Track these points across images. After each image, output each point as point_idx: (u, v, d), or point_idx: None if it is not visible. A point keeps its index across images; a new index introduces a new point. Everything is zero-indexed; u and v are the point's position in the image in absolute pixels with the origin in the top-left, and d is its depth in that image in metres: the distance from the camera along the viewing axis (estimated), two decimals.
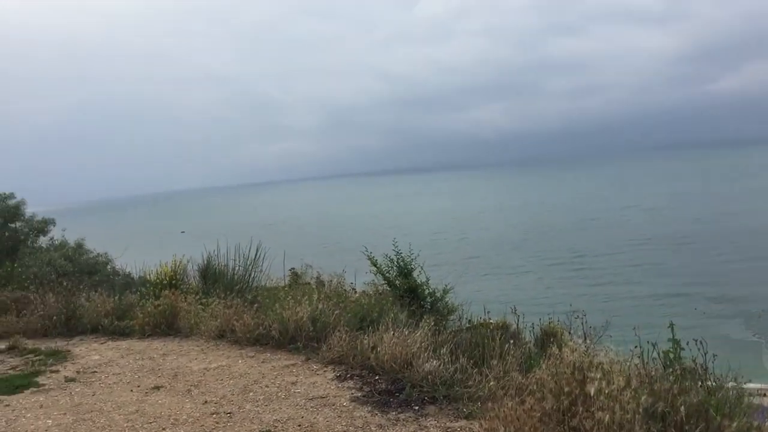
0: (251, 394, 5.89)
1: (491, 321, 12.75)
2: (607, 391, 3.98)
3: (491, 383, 5.52)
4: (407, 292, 9.56)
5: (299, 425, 5.03)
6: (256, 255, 11.57)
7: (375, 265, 10.14)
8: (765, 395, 7.21)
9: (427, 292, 9.81)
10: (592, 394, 3.95)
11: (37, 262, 15.09)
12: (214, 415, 5.33)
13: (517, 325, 7.93)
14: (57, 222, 21.70)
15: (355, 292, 10.37)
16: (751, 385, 5.80)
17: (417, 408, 5.36)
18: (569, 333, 8.84)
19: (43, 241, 20.07)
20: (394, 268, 9.99)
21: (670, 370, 4.51)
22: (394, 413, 5.24)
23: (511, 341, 6.33)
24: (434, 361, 5.94)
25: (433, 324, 6.94)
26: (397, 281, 9.84)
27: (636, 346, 5.19)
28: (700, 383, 4.25)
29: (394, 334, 6.52)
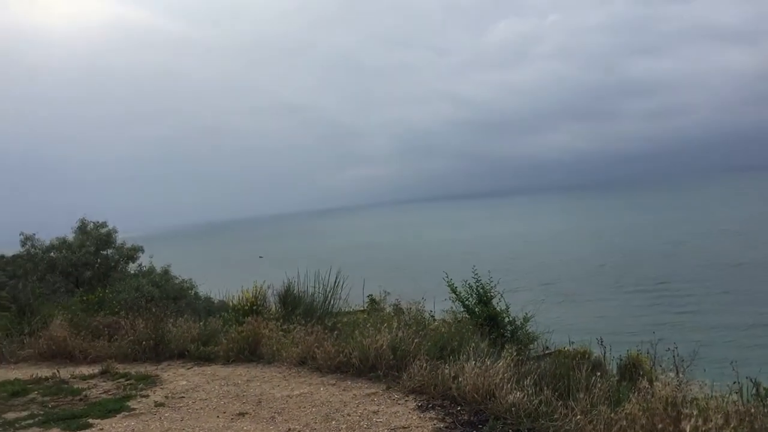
0: (333, 422, 5.92)
1: (571, 349, 12.44)
2: (703, 429, 3.82)
3: (578, 417, 5.35)
4: (487, 320, 9.45)
5: None
6: (335, 281, 11.67)
7: (455, 292, 10.08)
8: None
9: (507, 320, 9.67)
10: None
11: (127, 288, 15.71)
12: None
13: (604, 355, 7.68)
14: (143, 247, 22.59)
15: (434, 319, 10.32)
16: None
17: None
18: (656, 364, 8.51)
19: (132, 267, 20.92)
20: (474, 295, 9.90)
21: None
22: None
23: (598, 374, 6.14)
24: (518, 393, 5.82)
25: (515, 354, 6.83)
26: (476, 309, 9.74)
27: (734, 382, 4.94)
28: None
29: (475, 363, 6.43)
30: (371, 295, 15.03)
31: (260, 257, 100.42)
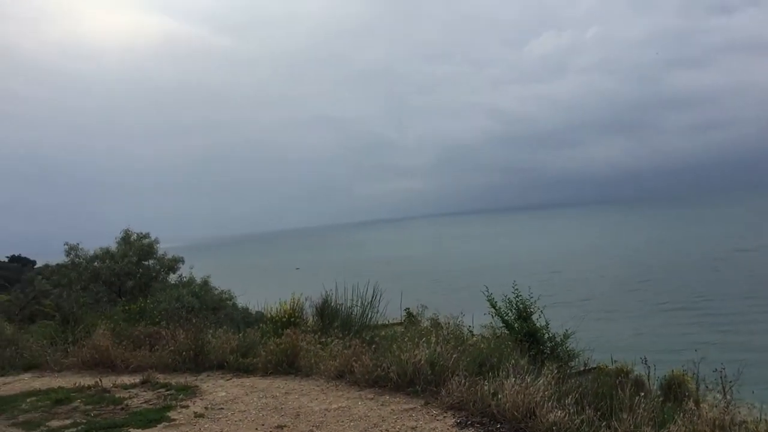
0: None
1: (610, 366, 12.20)
2: None
3: None
4: (526, 336, 9.32)
5: None
6: (372, 294, 11.64)
7: (494, 307, 9.98)
8: None
9: (546, 336, 9.53)
10: None
11: (167, 298, 15.92)
12: None
13: (648, 375, 7.51)
14: (184, 258, 22.89)
15: (473, 334, 10.22)
16: None
17: None
18: (699, 383, 8.29)
19: (172, 277, 21.19)
20: (513, 310, 9.79)
21: None
22: None
23: (642, 394, 6.01)
24: (559, 412, 5.72)
25: (555, 371, 6.72)
26: (515, 324, 9.62)
27: None
28: None
29: (515, 380, 6.35)
30: (408, 308, 14.99)
31: (297, 269, 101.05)
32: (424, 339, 8.07)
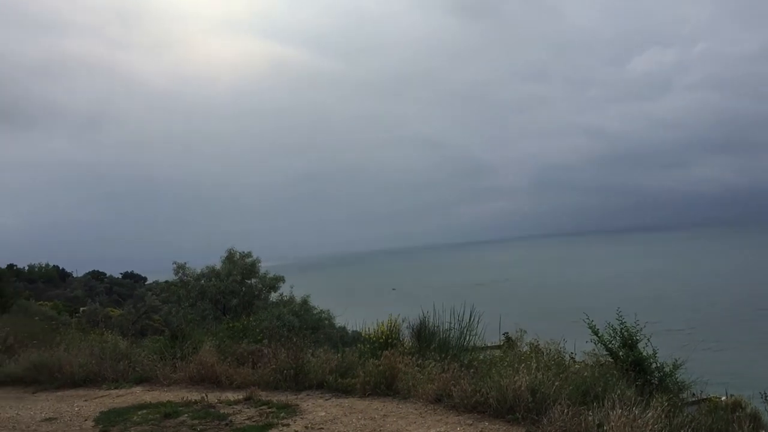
0: None
1: (720, 398, 11.48)
2: None
3: None
4: (632, 366, 8.91)
5: None
6: (470, 317, 11.51)
7: (596, 334, 9.61)
8: None
9: (654, 365, 9.07)
10: None
11: (269, 317, 16.33)
12: None
13: None
14: (284, 277, 23.46)
15: (575, 362, 9.88)
16: None
17: None
18: None
19: (273, 296, 21.76)
20: (618, 337, 9.39)
21: None
22: None
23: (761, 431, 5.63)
24: None
25: (665, 403, 6.39)
26: (620, 353, 9.22)
27: None
28: None
29: (621, 412, 6.09)
30: (507, 333, 14.69)
31: (393, 289, 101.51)
32: (523, 364, 7.89)
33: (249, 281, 22.06)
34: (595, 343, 9.79)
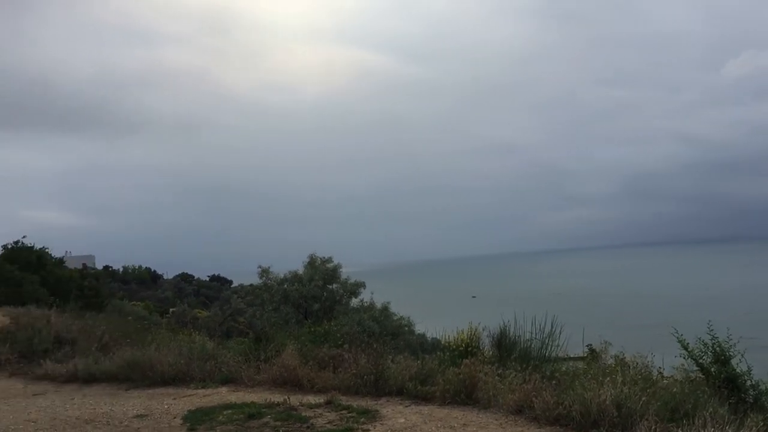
0: None
1: None
2: None
3: None
4: (725, 383, 8.51)
5: None
6: (552, 327, 11.31)
7: (686, 349, 9.24)
8: None
9: (749, 383, 8.64)
10: None
11: (350, 322, 16.52)
12: None
13: None
14: (365, 283, 23.69)
15: (663, 377, 9.53)
16: None
17: None
18: None
19: (354, 302, 22.02)
20: (709, 353, 8.98)
21: None
22: None
23: None
24: None
25: (761, 423, 6.09)
26: (712, 368, 8.82)
27: None
28: None
29: (713, 431, 5.84)
30: (590, 344, 14.34)
31: (473, 297, 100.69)
32: (608, 377, 7.68)
33: (330, 286, 22.42)
34: (684, 358, 9.42)
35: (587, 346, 13.74)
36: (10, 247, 31.98)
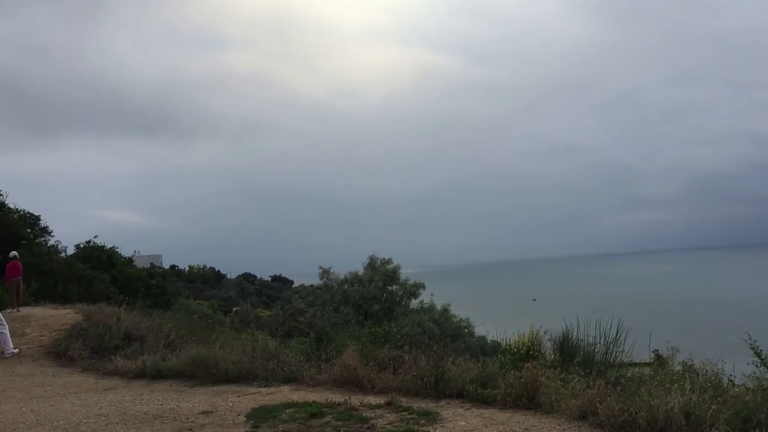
0: None
1: None
2: None
3: None
4: None
5: None
6: (617, 332, 11.05)
7: (759, 356, 8.92)
8: None
9: None
10: None
11: (410, 323, 16.52)
12: None
13: None
14: (424, 284, 23.65)
15: (734, 385, 9.20)
16: None
17: None
18: None
19: (414, 303, 22.02)
20: None
21: None
22: None
23: None
24: None
25: None
26: None
27: None
28: None
29: None
30: (657, 350, 13.96)
31: (534, 300, 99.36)
32: (676, 384, 7.46)
33: (390, 287, 22.47)
34: (757, 366, 9.10)
35: (653, 351, 13.40)
36: (82, 246, 33.26)
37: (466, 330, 21.79)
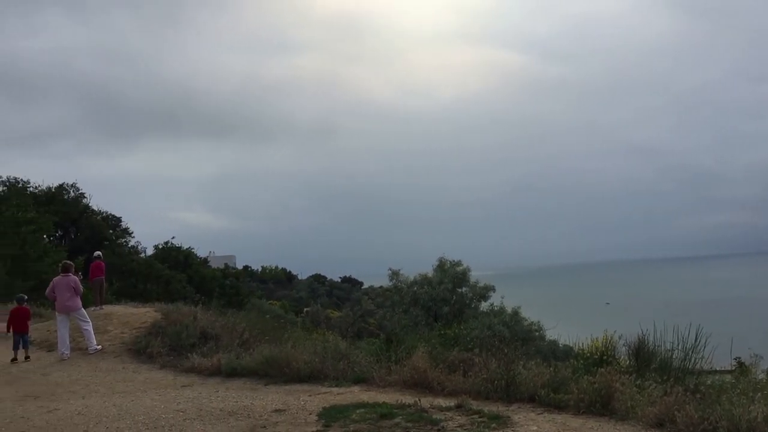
0: None
1: None
2: None
3: None
4: None
5: None
6: (696, 338, 10.69)
7: None
8: None
9: None
10: None
11: (480, 326, 16.42)
12: None
13: None
14: (494, 287, 23.45)
15: None
16: None
17: None
18: None
19: (484, 305, 21.87)
20: None
21: None
22: None
23: None
24: None
25: None
26: None
27: None
28: None
29: None
30: (738, 357, 13.45)
31: (607, 303, 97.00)
32: (759, 393, 7.17)
33: (460, 290, 22.38)
34: None
35: (735, 359, 12.92)
36: (161, 247, 34.48)
37: (537, 333, 21.47)
